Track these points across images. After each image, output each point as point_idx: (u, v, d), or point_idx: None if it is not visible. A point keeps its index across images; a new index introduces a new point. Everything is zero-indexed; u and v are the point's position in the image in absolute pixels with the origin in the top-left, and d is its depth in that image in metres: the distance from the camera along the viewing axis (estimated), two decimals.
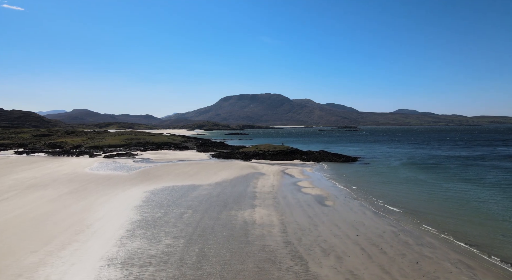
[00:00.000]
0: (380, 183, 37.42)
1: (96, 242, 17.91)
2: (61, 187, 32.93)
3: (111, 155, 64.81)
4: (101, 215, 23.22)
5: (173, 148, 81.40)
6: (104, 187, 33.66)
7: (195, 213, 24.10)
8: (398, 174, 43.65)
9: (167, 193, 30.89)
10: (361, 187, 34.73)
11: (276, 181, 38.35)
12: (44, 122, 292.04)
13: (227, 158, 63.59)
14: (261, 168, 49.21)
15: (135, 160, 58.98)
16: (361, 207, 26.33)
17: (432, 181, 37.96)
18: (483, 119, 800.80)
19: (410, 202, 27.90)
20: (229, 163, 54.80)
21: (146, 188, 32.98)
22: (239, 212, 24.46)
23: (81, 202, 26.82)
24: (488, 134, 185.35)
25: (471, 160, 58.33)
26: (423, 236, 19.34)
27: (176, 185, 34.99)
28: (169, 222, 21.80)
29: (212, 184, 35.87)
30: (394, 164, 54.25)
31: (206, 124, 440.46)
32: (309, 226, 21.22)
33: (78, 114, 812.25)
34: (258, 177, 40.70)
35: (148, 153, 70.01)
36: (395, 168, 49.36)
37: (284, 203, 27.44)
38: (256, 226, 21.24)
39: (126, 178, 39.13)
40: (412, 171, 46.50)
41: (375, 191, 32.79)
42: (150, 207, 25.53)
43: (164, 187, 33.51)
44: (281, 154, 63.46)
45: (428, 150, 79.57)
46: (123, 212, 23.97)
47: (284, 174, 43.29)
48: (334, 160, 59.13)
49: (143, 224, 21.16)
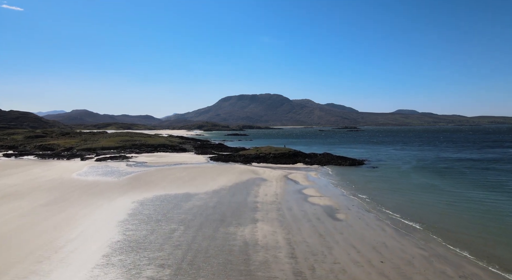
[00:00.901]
0: (392, 190, 34.06)
1: (60, 275, 14.49)
2: (40, 197, 29.51)
3: (104, 158, 61.42)
4: (76, 233, 19.82)
5: (170, 150, 78.00)
6: (88, 196, 30.26)
7: (187, 230, 20.74)
8: (410, 180, 40.30)
9: (158, 204, 27.51)
10: (373, 196, 31.36)
11: (279, 188, 34.98)
12: (42, 123, 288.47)
13: (226, 161, 60.22)
14: (262, 172, 45.86)
15: (128, 163, 55.58)
16: (378, 222, 22.97)
17: (450, 189, 34.56)
18: (483, 119, 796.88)
19: (431, 216, 24.50)
20: (228, 167, 51.43)
21: (135, 198, 29.59)
22: (239, 229, 21.10)
23: (57, 216, 23.41)
24: (492, 134, 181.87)
25: (486, 164, 54.91)
26: (463, 264, 15.94)
27: (169, 194, 31.59)
28: (156, 243, 18.42)
29: (209, 192, 32.50)
30: (403, 168, 50.90)
31: (206, 124, 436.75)
32: (321, 248, 17.87)
33: (77, 115, 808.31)
34: (260, 184, 37.35)
35: (143, 156, 66.59)
36: (406, 173, 45.99)
37: (290, 217, 24.08)
38: (259, 248, 17.88)
39: (115, 185, 35.73)
40: (424, 176, 43.13)
41: (389, 201, 29.43)
42: (136, 223, 22.15)
43: (155, 197, 30.10)
44: (283, 157, 60.09)
45: (437, 152, 76.15)
46: (104, 230, 20.59)
47: (287, 180, 39.93)
48: (340, 163, 55.77)
49: (124, 247, 17.77)
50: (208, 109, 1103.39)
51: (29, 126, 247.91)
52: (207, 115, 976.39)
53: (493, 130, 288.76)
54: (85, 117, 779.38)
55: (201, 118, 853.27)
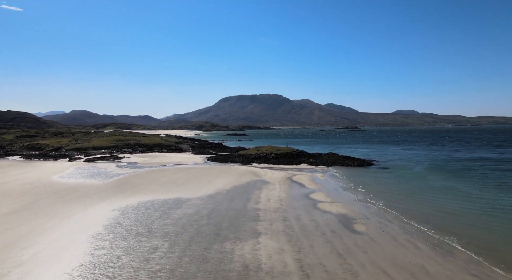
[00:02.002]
0: (411, 195, 29.89)
1: None
2: (4, 204, 25.36)
3: (94, 158, 57.31)
4: (29, 254, 15.68)
5: (165, 150, 73.84)
6: (63, 202, 26.13)
7: (173, 248, 16.63)
8: (428, 182, 36.17)
9: (142, 212, 23.38)
10: (391, 202, 27.23)
11: (284, 192, 30.88)
12: (39, 123, 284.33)
13: (225, 161, 56.10)
14: (264, 174, 41.76)
15: (119, 164, 51.44)
16: (406, 236, 18.83)
17: (477, 194, 30.39)
18: (484, 119, 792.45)
19: (468, 230, 20.24)
20: (227, 168, 47.32)
21: (117, 204, 25.47)
22: (237, 246, 16.99)
23: (14, 230, 19.26)
24: (498, 134, 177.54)
25: (508, 164, 50.67)
26: None
27: (157, 199, 27.48)
28: (129, 267, 14.30)
29: (203, 197, 28.38)
30: (416, 169, 46.79)
31: (205, 124, 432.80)
32: (344, 275, 13.76)
33: (77, 115, 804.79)
34: (261, 187, 33.25)
35: (136, 156, 62.44)
36: (421, 174, 41.87)
37: (298, 229, 19.97)
38: (263, 274, 13.78)
39: (98, 189, 31.61)
40: (443, 178, 39.03)
41: (412, 208, 25.28)
42: (111, 237, 18.03)
43: (141, 203, 25.98)
44: (286, 157, 55.96)
45: (448, 152, 71.92)
46: (68, 249, 16.46)
47: (292, 183, 35.83)
48: (347, 164, 51.64)
49: (87, 275, 13.65)
50: (208, 110, 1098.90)
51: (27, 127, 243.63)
52: (206, 115, 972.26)
53: (497, 130, 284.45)
54: (85, 117, 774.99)
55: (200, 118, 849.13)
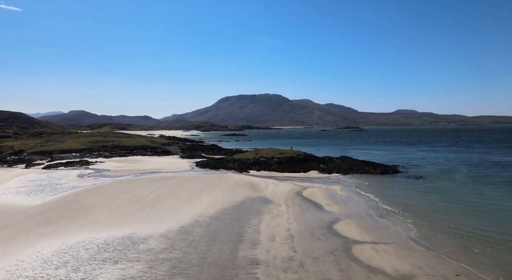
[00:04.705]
0: (491, 229, 19.72)
1: None
2: None
3: (57, 164, 47.08)
4: None
5: (149, 153, 63.54)
6: None
7: None
8: (495, 202, 25.83)
9: (51, 273, 13.15)
10: (467, 242, 17.07)
11: (295, 220, 20.69)
12: (33, 123, 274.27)
13: (216, 168, 45.89)
14: (264, 187, 31.59)
15: (82, 173, 41.16)
16: None
17: None
18: (484, 119, 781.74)
19: None
20: (217, 178, 37.09)
21: (21, 255, 15.26)
22: None
23: None
24: (506, 134, 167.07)
25: None
26: None
27: (95, 238, 17.24)
28: None
29: (171, 232, 18.18)
30: (459, 178, 36.56)
31: (204, 125, 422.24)
32: None
33: (75, 116, 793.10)
34: (261, 210, 23.08)
35: (111, 161, 52.15)
36: (471, 186, 31.62)
37: None
38: None
39: (18, 217, 21.37)
40: (506, 192, 28.85)
41: None
42: None
43: (60, 250, 15.73)
44: (291, 162, 45.69)
45: (480, 155, 61.44)
46: None
47: (303, 202, 25.66)
48: (367, 171, 41.38)
49: None
50: (207, 110, 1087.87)
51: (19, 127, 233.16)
52: (206, 115, 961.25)
53: (505, 129, 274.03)
54: (83, 118, 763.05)
55: (200, 118, 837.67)
